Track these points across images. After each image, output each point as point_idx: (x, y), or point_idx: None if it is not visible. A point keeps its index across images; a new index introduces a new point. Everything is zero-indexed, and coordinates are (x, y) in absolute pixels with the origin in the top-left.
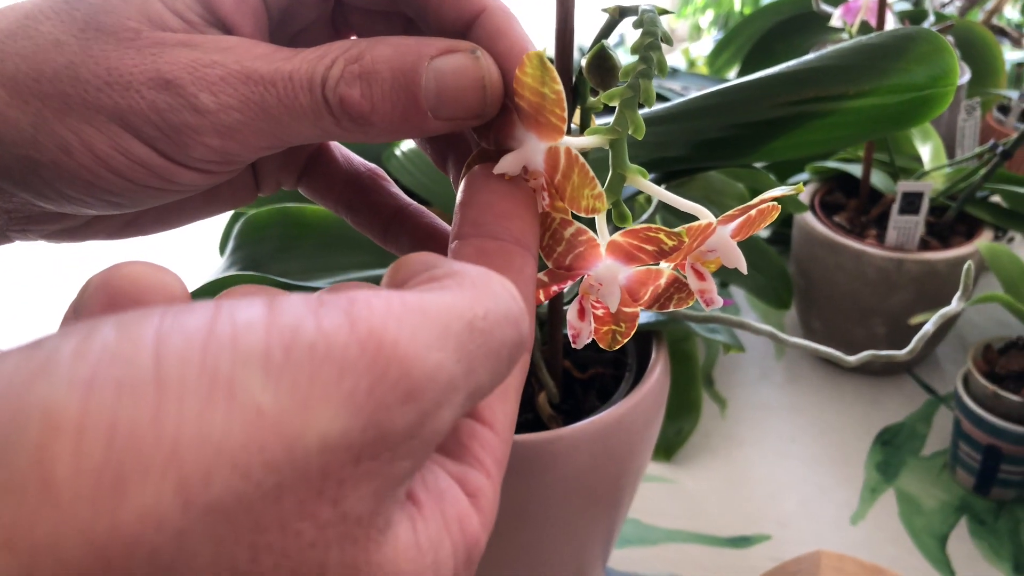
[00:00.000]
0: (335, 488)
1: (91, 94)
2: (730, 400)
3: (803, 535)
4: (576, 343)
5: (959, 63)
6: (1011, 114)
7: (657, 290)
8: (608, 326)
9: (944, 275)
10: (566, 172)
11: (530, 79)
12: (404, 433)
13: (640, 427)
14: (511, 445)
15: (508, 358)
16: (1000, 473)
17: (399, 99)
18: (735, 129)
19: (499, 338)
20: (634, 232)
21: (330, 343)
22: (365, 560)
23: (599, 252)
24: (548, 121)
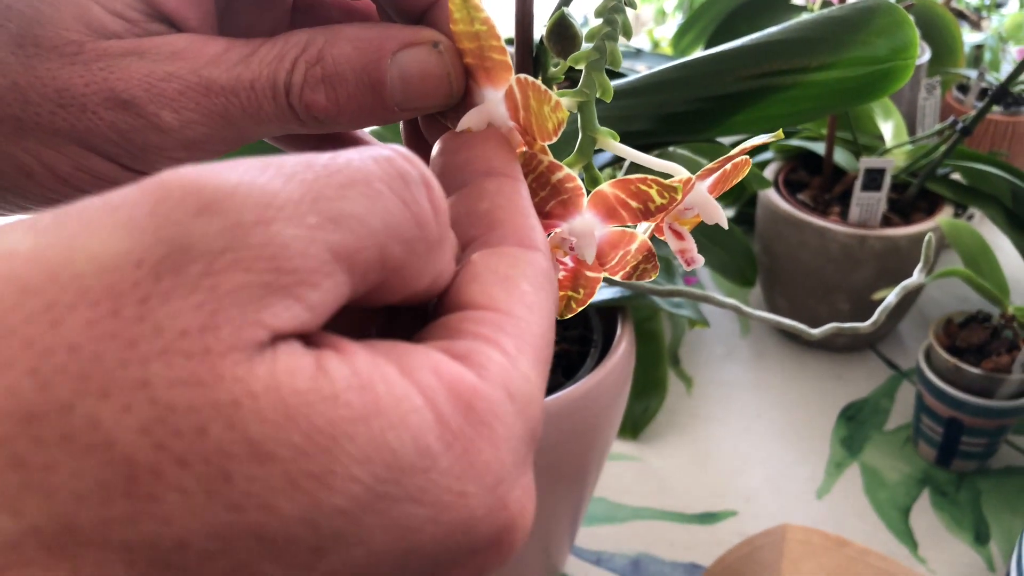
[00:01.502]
0: (136, 306)
1: (44, 117)
2: (696, 378)
3: (769, 510)
4: None
5: (920, 42)
6: (970, 93)
7: (626, 255)
8: (565, 291)
9: (906, 251)
10: (524, 102)
11: (461, 25)
12: (210, 245)
13: (605, 403)
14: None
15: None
16: (961, 445)
17: (364, 99)
18: (699, 103)
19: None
20: (625, 183)
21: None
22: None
23: (582, 203)
24: (492, 60)
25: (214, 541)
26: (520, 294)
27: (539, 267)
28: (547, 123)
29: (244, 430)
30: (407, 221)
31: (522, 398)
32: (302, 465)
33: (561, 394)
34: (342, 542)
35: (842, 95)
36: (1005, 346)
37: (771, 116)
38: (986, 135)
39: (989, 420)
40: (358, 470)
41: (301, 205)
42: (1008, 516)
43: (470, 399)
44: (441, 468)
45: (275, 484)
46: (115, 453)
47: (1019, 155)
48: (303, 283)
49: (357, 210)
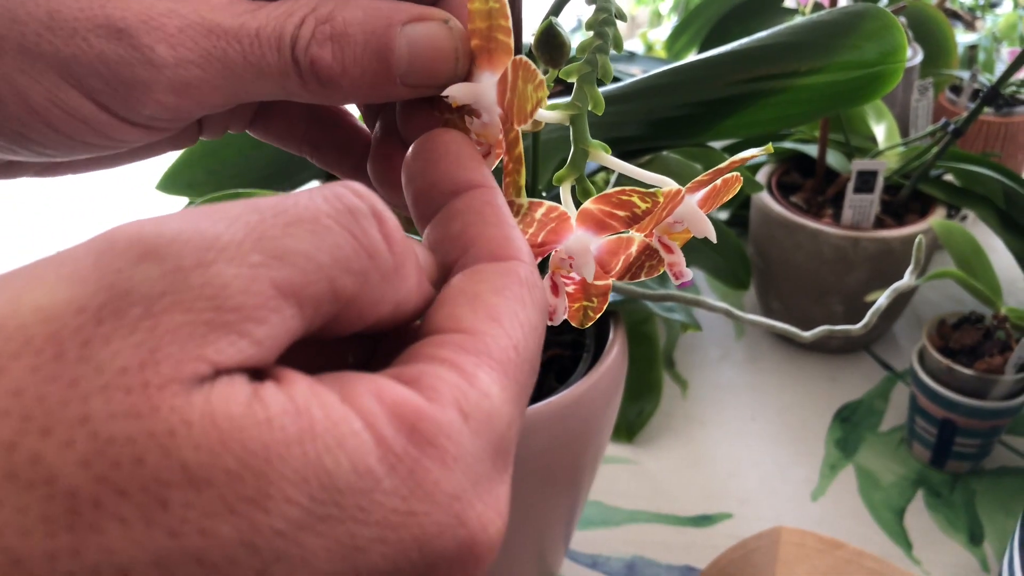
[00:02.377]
0: (78, 349)
1: (29, 38)
2: (691, 381)
3: (764, 512)
4: (553, 320)
5: (912, 44)
6: (963, 94)
7: (628, 259)
8: (579, 302)
9: (899, 253)
10: (513, 83)
11: (478, 3)
12: (150, 289)
13: (598, 407)
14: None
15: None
16: (955, 446)
17: (370, 64)
18: (689, 108)
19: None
20: (605, 197)
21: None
22: (150, 405)
23: (570, 224)
24: (497, 41)
25: (156, 568)
26: (487, 309)
27: (512, 276)
28: (527, 104)
29: (179, 457)
30: (357, 253)
31: (479, 415)
32: (237, 489)
33: (553, 399)
34: (285, 563)
35: (832, 99)
36: (998, 347)
37: (761, 120)
38: (979, 136)
39: (982, 421)
40: (294, 492)
41: (243, 245)
42: (1002, 517)
43: (414, 421)
44: (385, 489)
45: (211, 509)
46: (57, 487)
47: (1012, 156)
48: (248, 319)
49: (303, 246)
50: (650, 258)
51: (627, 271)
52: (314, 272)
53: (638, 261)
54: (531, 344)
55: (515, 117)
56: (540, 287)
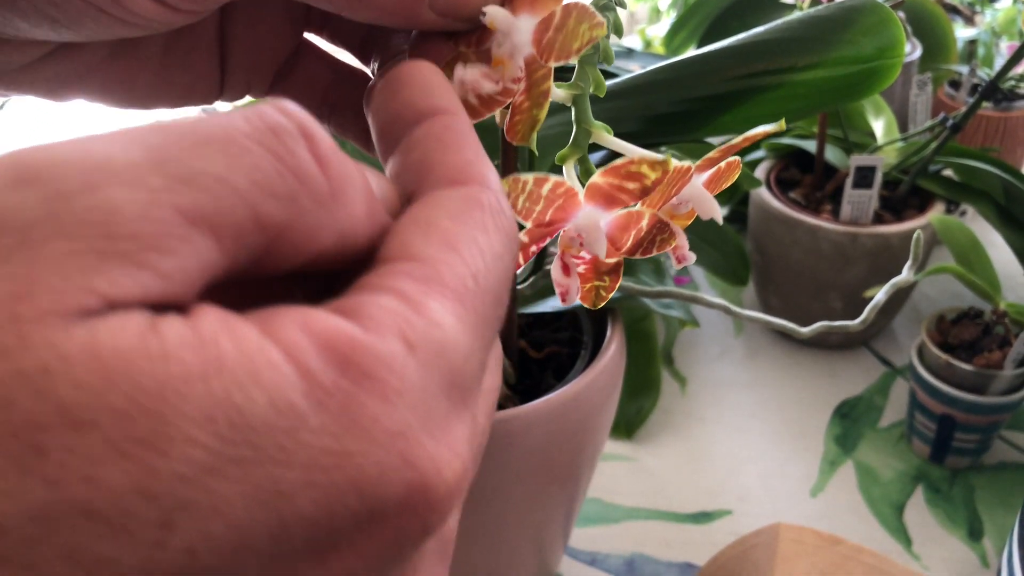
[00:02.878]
0: None
1: None
2: (690, 377)
3: (763, 509)
4: (566, 300)
5: (911, 39)
6: (962, 89)
7: (639, 233)
8: (591, 282)
9: (898, 248)
10: (560, 23)
11: None
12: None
13: (596, 404)
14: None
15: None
16: (954, 441)
17: None
18: (686, 104)
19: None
20: (614, 169)
21: None
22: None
23: (579, 200)
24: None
25: (36, 524)
26: (441, 235)
27: (473, 201)
28: (575, 41)
29: (56, 397)
30: (281, 175)
31: (429, 346)
32: (127, 430)
33: (551, 396)
34: (193, 513)
35: (829, 94)
36: (997, 342)
37: (759, 116)
38: (978, 131)
39: (982, 416)
40: (197, 432)
41: (140, 168)
42: (1002, 512)
43: (348, 353)
44: (312, 427)
45: (96, 454)
46: None
47: (1011, 150)
48: (148, 248)
49: (214, 168)
50: (661, 232)
51: (638, 246)
52: (229, 196)
53: (649, 235)
54: (494, 274)
55: (555, 54)
56: (508, 215)
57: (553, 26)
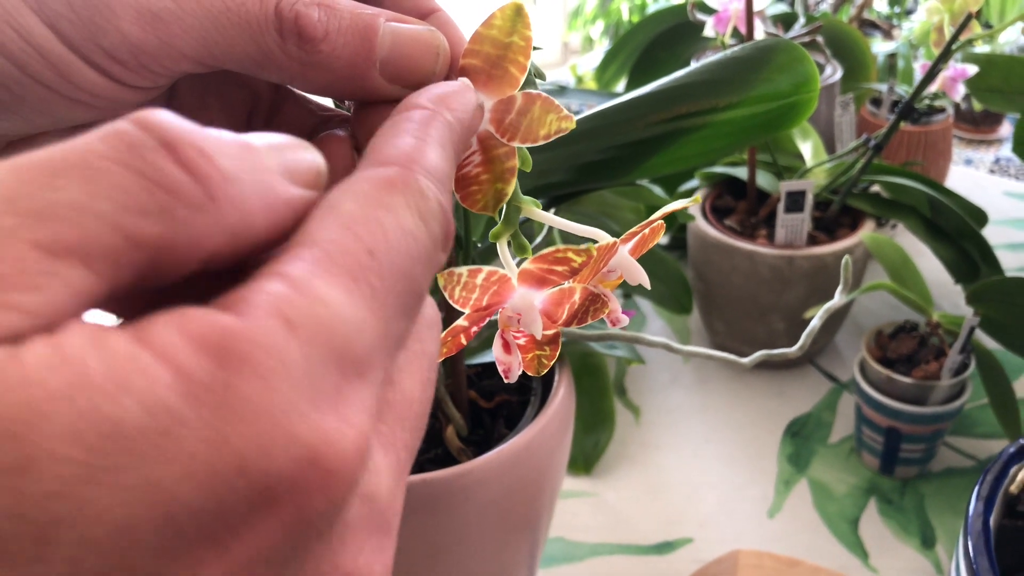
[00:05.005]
0: None
1: None
2: (643, 407)
3: (723, 534)
4: (509, 377)
5: (831, 61)
6: (883, 106)
7: (573, 307)
8: (532, 352)
9: (833, 268)
10: (523, 109)
11: (496, 31)
12: None
13: (550, 449)
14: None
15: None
16: (901, 452)
17: (352, 39)
18: (613, 151)
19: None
20: (543, 257)
21: None
22: None
23: (512, 285)
24: (505, 72)
25: None
26: (339, 217)
27: (383, 181)
28: (541, 128)
29: None
30: (148, 191)
31: (311, 322)
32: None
33: (504, 447)
34: (71, 526)
35: (751, 131)
36: (933, 353)
37: (685, 156)
38: (901, 146)
39: (925, 426)
40: (65, 448)
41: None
42: (951, 518)
43: (222, 342)
44: (189, 422)
45: None
46: None
47: (933, 162)
48: (8, 288)
49: (72, 196)
50: (594, 303)
51: (573, 318)
52: (92, 223)
53: (583, 307)
54: (400, 248)
55: (520, 136)
56: (430, 196)
57: (516, 110)
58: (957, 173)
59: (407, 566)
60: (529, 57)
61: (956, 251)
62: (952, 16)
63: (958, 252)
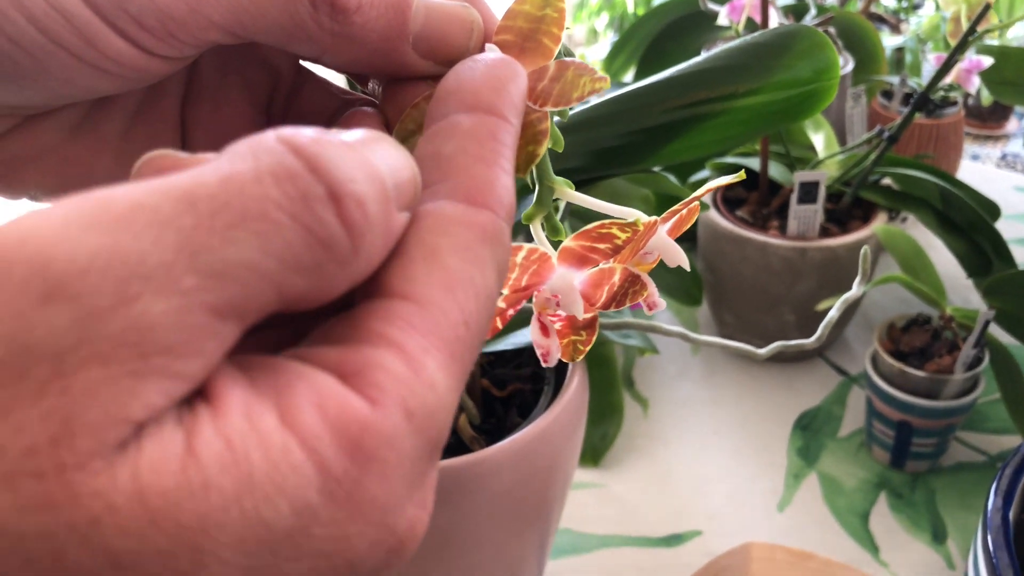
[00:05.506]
0: None
1: None
2: (651, 399)
3: (732, 527)
4: (547, 360)
5: (843, 53)
6: (894, 99)
7: (612, 288)
8: (568, 337)
9: (845, 260)
10: (555, 75)
11: (529, 5)
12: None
13: (562, 439)
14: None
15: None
16: (912, 447)
17: (387, 11)
18: (630, 136)
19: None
20: (585, 233)
21: None
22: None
23: (552, 264)
24: (539, 44)
25: None
26: (443, 273)
27: (479, 230)
28: (575, 91)
29: (105, 547)
30: (310, 248)
31: (423, 412)
32: (170, 566)
33: (517, 436)
34: None
35: (770, 118)
36: (946, 347)
37: (702, 143)
38: (912, 138)
39: (937, 420)
40: (230, 555)
41: (175, 267)
42: (962, 513)
43: (359, 437)
44: (322, 520)
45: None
46: None
47: (944, 155)
48: (179, 357)
49: (247, 254)
50: (633, 284)
51: (611, 300)
52: (259, 282)
53: (622, 289)
54: (484, 315)
55: (553, 100)
56: (506, 246)
57: (548, 77)
58: (966, 167)
59: (416, 555)
60: (563, 28)
61: (969, 244)
62: (969, 7)
63: (971, 245)
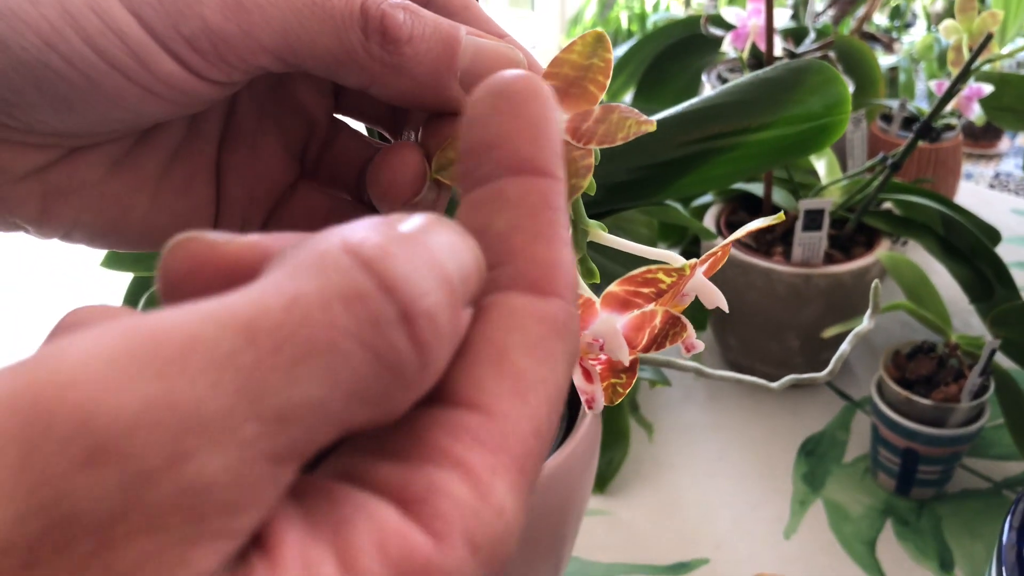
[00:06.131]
0: None
1: None
2: (656, 424)
3: (739, 555)
4: (591, 406)
5: (844, 77)
6: (893, 123)
7: (654, 331)
8: (607, 381)
9: (850, 286)
10: (600, 117)
11: (576, 55)
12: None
13: (577, 475)
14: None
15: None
16: (918, 474)
17: (437, 44)
18: (644, 171)
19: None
20: (630, 279)
21: None
22: None
23: (596, 309)
24: (584, 90)
25: None
26: (514, 377)
27: (549, 324)
28: (621, 132)
29: None
30: (378, 376)
31: (490, 543)
32: None
33: None
34: None
35: (782, 152)
36: (952, 375)
37: (715, 177)
38: (911, 162)
39: (943, 448)
40: None
41: (234, 414)
42: (968, 540)
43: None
44: None
45: None
46: None
47: (943, 180)
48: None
49: (313, 392)
50: (673, 326)
51: (652, 343)
52: (323, 422)
53: (663, 331)
54: (555, 417)
55: (598, 139)
56: (576, 332)
57: (593, 118)
58: (964, 190)
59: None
60: (609, 76)
61: (970, 270)
62: (971, 36)
63: (972, 271)
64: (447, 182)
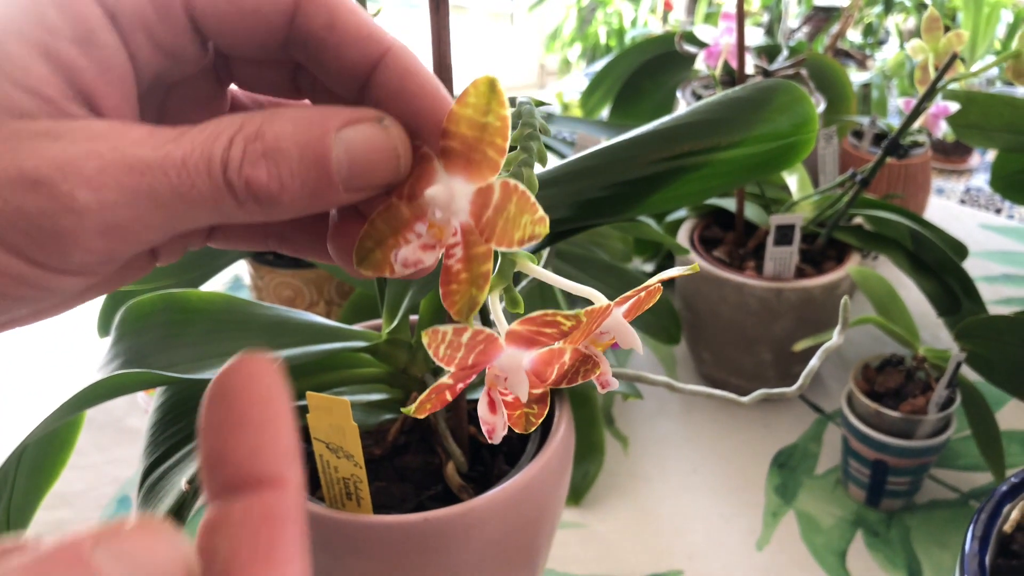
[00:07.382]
0: None
1: None
2: (631, 437)
3: (712, 567)
4: (493, 438)
5: (814, 94)
6: (864, 139)
7: (563, 367)
8: (520, 410)
9: (820, 300)
10: (500, 205)
11: (471, 110)
12: None
13: (550, 486)
14: None
15: None
16: (888, 485)
17: (309, 175)
18: (615, 188)
19: None
20: (531, 319)
21: None
22: None
23: (499, 344)
24: (484, 156)
25: None
26: None
27: None
28: (516, 231)
29: None
30: None
31: None
32: None
33: (505, 486)
34: None
35: (750, 170)
36: (920, 387)
37: (686, 194)
38: (882, 178)
39: (912, 459)
40: None
41: None
42: (936, 550)
43: None
44: None
45: None
46: None
47: (913, 195)
48: None
49: None
50: (584, 363)
51: (563, 378)
52: None
53: (573, 368)
54: None
55: (496, 237)
56: None
57: (493, 205)
58: (934, 205)
59: None
60: (507, 138)
61: (938, 284)
62: (937, 56)
63: (940, 285)
64: (368, 274)
